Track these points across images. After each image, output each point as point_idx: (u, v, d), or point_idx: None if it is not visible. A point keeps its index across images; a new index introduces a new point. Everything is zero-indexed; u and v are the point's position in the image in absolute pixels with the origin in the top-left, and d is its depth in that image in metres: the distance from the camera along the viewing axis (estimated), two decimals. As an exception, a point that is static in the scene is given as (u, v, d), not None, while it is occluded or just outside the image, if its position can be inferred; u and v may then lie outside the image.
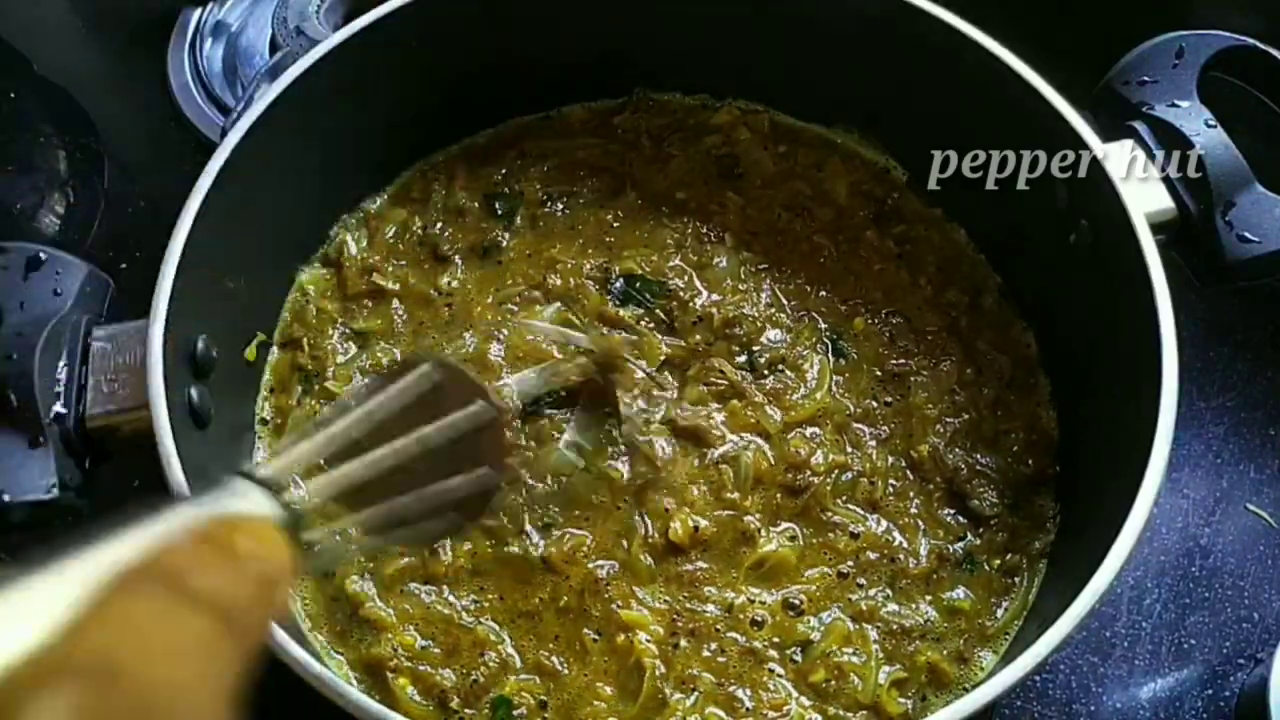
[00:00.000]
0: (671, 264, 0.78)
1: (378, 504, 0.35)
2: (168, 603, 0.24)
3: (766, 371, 0.74)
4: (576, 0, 0.79)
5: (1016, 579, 0.68)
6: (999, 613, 0.67)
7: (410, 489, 0.36)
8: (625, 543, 0.68)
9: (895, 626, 0.66)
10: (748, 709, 0.63)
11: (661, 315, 0.76)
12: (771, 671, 0.64)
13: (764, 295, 0.77)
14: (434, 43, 0.77)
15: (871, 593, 0.67)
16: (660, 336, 0.75)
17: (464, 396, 0.37)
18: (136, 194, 0.95)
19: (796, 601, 0.66)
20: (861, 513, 0.69)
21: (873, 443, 0.72)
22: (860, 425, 0.73)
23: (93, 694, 0.21)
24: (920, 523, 0.69)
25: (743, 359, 0.74)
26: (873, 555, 0.68)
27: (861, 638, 0.65)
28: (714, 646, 0.65)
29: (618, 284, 0.77)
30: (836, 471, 0.70)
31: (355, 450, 0.35)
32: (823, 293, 0.78)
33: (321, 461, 0.34)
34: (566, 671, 0.64)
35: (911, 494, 0.70)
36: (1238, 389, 0.83)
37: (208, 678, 0.23)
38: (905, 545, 0.68)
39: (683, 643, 0.65)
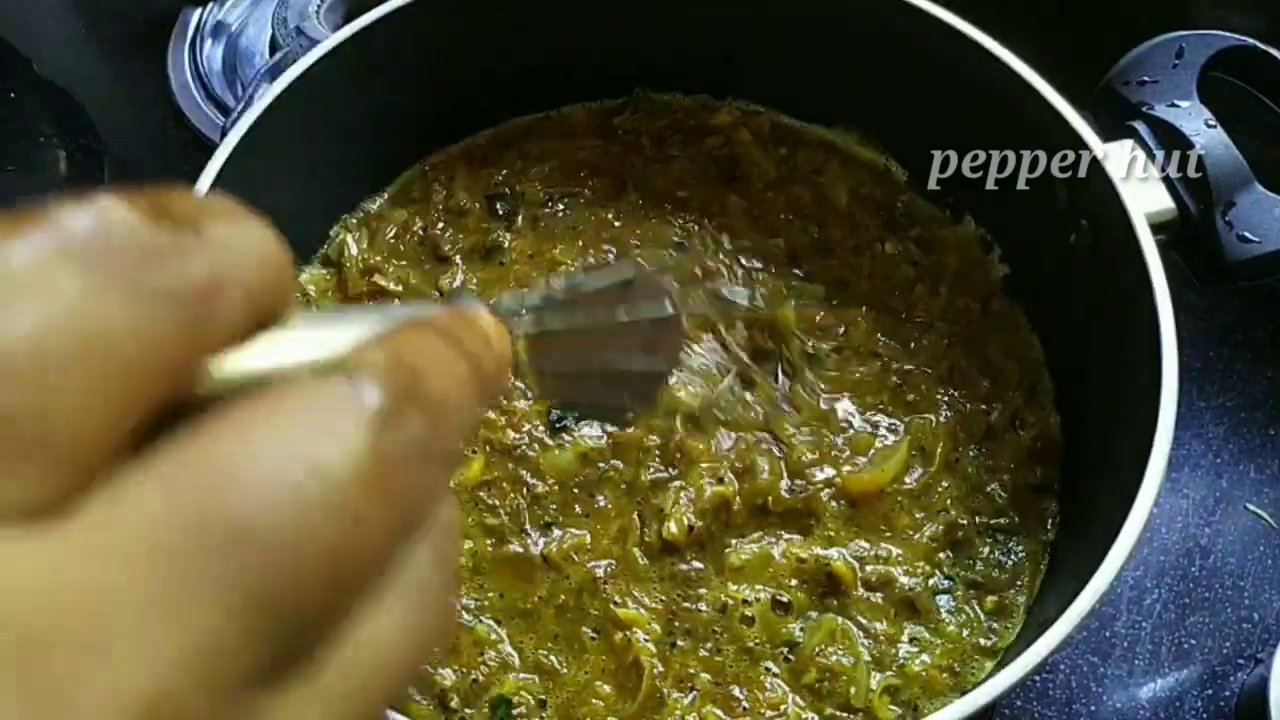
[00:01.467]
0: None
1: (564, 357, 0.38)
2: (442, 344, 0.22)
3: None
4: (577, 0, 0.79)
5: (1015, 583, 0.68)
6: (995, 621, 0.67)
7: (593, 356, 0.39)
8: (622, 541, 0.68)
9: (882, 636, 0.65)
10: (745, 708, 0.63)
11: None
12: (768, 670, 0.64)
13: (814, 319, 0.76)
14: (434, 42, 0.77)
15: (861, 593, 0.67)
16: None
17: (651, 295, 0.41)
18: (137, 194, 0.95)
19: (784, 599, 0.66)
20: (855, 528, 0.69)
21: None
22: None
23: (398, 379, 0.19)
24: (916, 534, 0.69)
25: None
26: (866, 572, 0.68)
27: (847, 637, 0.65)
28: (710, 645, 0.65)
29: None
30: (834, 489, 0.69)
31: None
32: (860, 314, 0.77)
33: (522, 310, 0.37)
34: (565, 670, 0.64)
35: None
36: (1238, 389, 0.83)
37: (470, 414, 0.22)
38: (901, 556, 0.68)
39: (680, 641, 0.65)
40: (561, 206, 0.82)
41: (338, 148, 0.77)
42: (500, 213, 0.81)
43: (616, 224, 0.81)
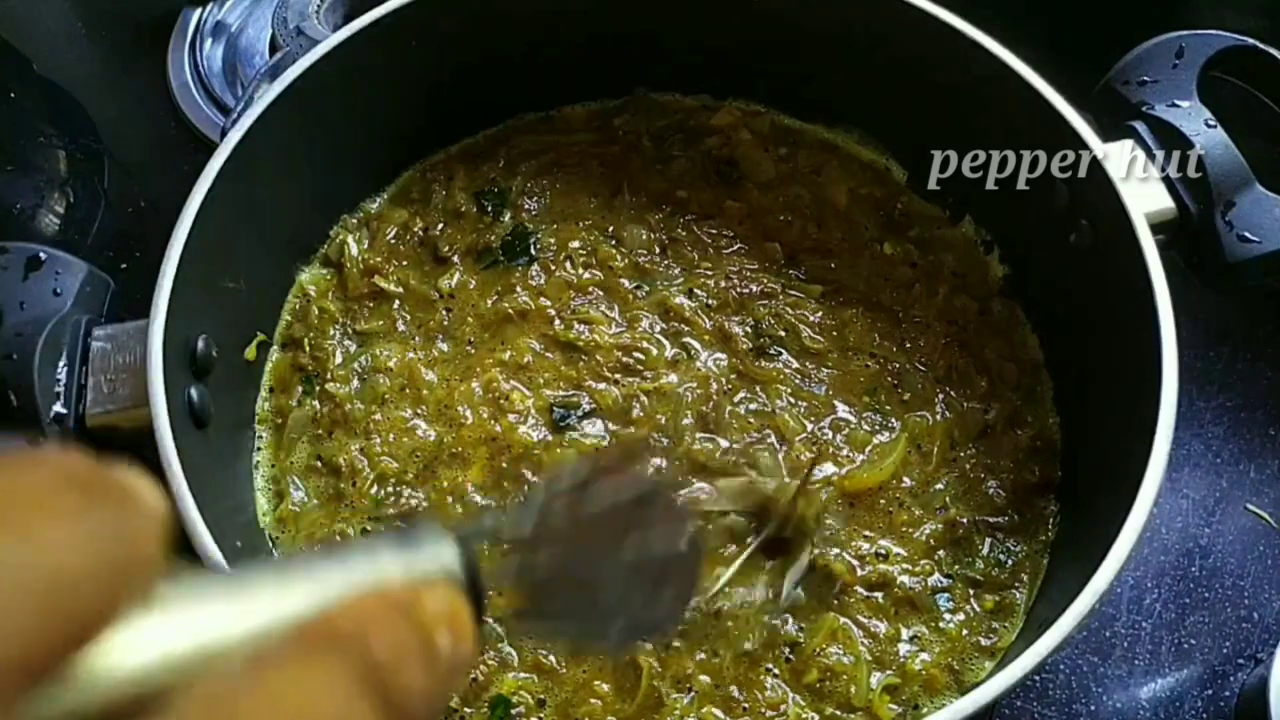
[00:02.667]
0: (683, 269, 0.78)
1: (551, 591, 0.32)
2: (349, 689, 0.21)
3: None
4: (576, 0, 0.79)
5: (1015, 583, 0.68)
6: (995, 621, 0.67)
7: (584, 589, 0.33)
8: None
9: (884, 634, 0.65)
10: (745, 709, 0.63)
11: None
12: (768, 670, 0.64)
13: (812, 318, 0.77)
14: (434, 42, 0.77)
15: (861, 592, 0.67)
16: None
17: (668, 518, 0.35)
18: (136, 194, 0.95)
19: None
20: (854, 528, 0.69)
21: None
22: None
23: None
24: (915, 532, 0.69)
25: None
26: (865, 571, 0.67)
27: (847, 636, 0.65)
28: (708, 647, 0.65)
29: (641, 290, 0.78)
30: (833, 486, 0.70)
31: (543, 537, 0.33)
32: (858, 313, 0.77)
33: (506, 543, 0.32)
34: (564, 670, 0.64)
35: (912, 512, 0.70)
36: (1238, 389, 0.83)
37: None
38: (901, 554, 0.68)
39: (676, 642, 0.65)
40: (562, 207, 0.82)
41: (337, 147, 0.77)
42: (499, 214, 0.81)
43: (610, 227, 0.81)
